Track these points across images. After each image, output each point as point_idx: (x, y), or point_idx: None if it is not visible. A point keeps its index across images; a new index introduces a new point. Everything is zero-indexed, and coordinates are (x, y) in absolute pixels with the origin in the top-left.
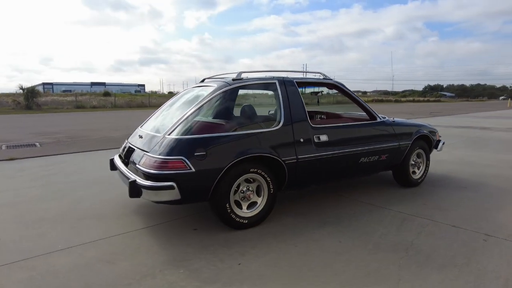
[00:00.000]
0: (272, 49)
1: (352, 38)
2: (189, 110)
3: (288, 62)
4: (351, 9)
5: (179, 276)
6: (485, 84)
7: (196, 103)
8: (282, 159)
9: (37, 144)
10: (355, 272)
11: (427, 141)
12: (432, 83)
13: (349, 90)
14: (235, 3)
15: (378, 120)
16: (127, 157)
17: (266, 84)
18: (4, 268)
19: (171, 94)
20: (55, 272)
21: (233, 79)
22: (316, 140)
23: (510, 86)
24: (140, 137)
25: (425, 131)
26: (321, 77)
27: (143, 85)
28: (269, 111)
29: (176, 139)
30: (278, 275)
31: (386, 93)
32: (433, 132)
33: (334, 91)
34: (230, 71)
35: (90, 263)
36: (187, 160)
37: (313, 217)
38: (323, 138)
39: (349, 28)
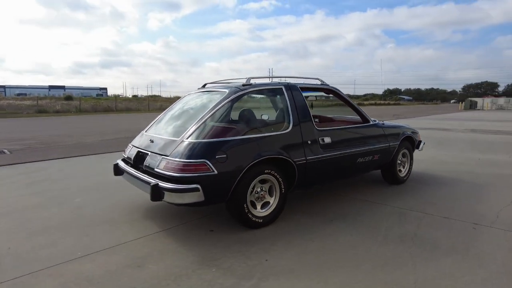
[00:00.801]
0: (238, 53)
1: (316, 44)
2: (205, 114)
3: (254, 67)
4: (314, 15)
5: (214, 275)
6: (438, 88)
7: (211, 107)
8: (294, 160)
9: (5, 151)
10: (374, 261)
11: (411, 142)
12: (391, 87)
13: (344, 95)
14: (200, 6)
15: (371, 122)
16: (137, 161)
17: (273, 90)
18: (30, 277)
19: (135, 98)
20: (87, 278)
21: (243, 85)
22: (321, 142)
23: (459, 91)
24: (151, 141)
25: (409, 133)
26: (319, 82)
27: (105, 89)
28: (261, 115)
29: (197, 143)
30: (306, 268)
31: (348, 97)
32: (415, 133)
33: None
34: (196, 74)
35: (119, 268)
36: (209, 163)
37: (320, 215)
38: (327, 140)
39: (313, 34)
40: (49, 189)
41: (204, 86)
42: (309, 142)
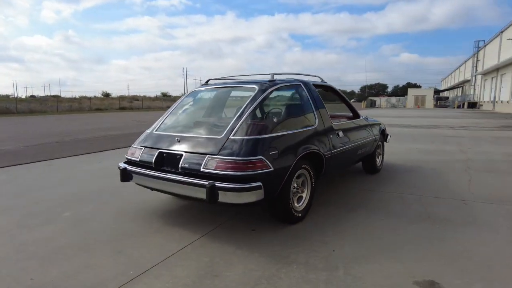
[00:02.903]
0: (148, 50)
1: (228, 45)
2: (244, 111)
3: (167, 65)
4: (225, 16)
5: (300, 271)
6: (339, 89)
7: (247, 103)
8: (324, 153)
9: None
10: (420, 238)
11: (383, 134)
12: None
13: (340, 92)
14: (103, 0)
15: (361, 118)
16: (162, 163)
17: (294, 86)
18: None
19: (34, 98)
20: None
21: (269, 81)
22: (337, 136)
23: (358, 91)
24: (178, 140)
25: (383, 127)
26: (319, 80)
27: None
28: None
29: (250, 139)
30: (374, 252)
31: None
32: (384, 126)
33: None
34: (102, 72)
35: (196, 281)
36: (265, 159)
37: (339, 205)
38: (341, 134)
39: (225, 35)
40: (14, 205)
41: (207, 82)
42: (331, 136)
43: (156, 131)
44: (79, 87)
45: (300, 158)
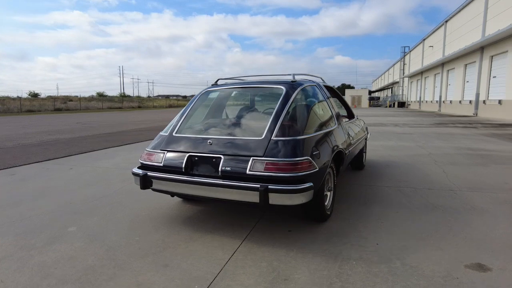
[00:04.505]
0: (80, 47)
1: (167, 43)
2: (278, 111)
3: (101, 63)
4: (162, 14)
5: (361, 266)
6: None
7: (280, 103)
8: (345, 151)
9: None
10: (440, 226)
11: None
12: None
13: (339, 93)
14: None
15: (355, 117)
16: (193, 167)
17: (312, 86)
18: None
19: None
20: None
21: (292, 81)
22: (348, 135)
23: None
24: (210, 143)
25: (366, 126)
26: (322, 81)
27: None
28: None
29: (294, 140)
30: (410, 242)
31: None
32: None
33: None
34: (25, 70)
35: (269, 287)
36: (312, 159)
37: (349, 202)
38: (351, 132)
39: (163, 33)
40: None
41: (216, 82)
42: (346, 134)
43: (176, 133)
44: None
45: (332, 157)
